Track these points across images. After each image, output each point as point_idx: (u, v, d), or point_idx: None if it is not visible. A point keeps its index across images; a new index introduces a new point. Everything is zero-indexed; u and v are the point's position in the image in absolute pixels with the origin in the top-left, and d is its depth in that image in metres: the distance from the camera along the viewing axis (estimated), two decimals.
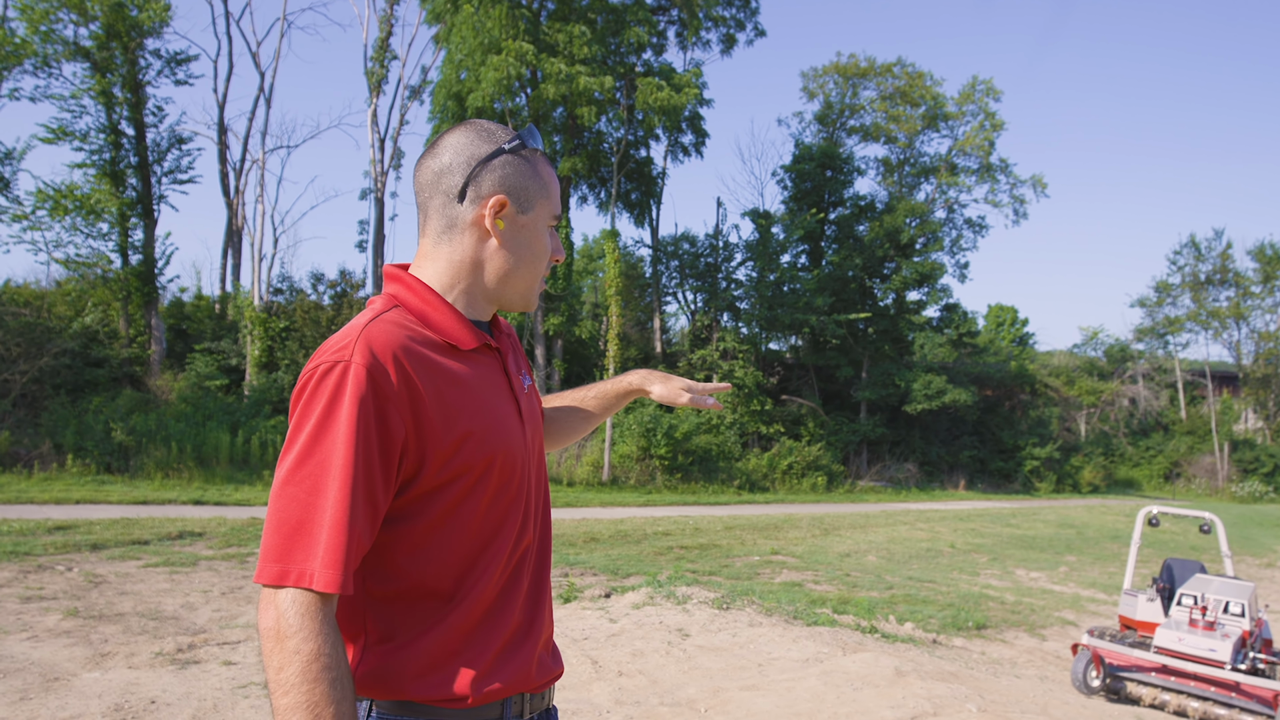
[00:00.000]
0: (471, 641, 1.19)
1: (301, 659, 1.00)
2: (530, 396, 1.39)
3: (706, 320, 30.38)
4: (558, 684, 4.77)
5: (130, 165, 19.51)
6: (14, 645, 4.90)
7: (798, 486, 25.10)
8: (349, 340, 1.10)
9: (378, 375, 1.08)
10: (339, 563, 1.03)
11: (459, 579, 1.19)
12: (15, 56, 18.11)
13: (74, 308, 19.59)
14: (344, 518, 1.04)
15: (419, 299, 1.24)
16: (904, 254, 32.11)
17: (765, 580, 9.95)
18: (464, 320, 1.25)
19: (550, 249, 1.34)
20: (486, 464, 1.19)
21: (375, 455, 1.08)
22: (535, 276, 1.32)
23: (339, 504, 1.04)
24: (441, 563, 1.17)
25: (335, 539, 1.03)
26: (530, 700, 1.29)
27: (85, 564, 7.49)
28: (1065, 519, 22.83)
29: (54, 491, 12.28)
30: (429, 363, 1.15)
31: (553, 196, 1.32)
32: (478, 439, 1.18)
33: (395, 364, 1.10)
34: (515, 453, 1.24)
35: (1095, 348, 47.48)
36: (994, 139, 33.80)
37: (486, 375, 1.26)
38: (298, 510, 1.04)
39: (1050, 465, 34.85)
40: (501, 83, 22.02)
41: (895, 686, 4.92)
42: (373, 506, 1.08)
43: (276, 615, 1.02)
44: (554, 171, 1.34)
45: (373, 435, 1.07)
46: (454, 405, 1.16)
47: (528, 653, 1.26)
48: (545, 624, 1.32)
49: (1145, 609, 7.27)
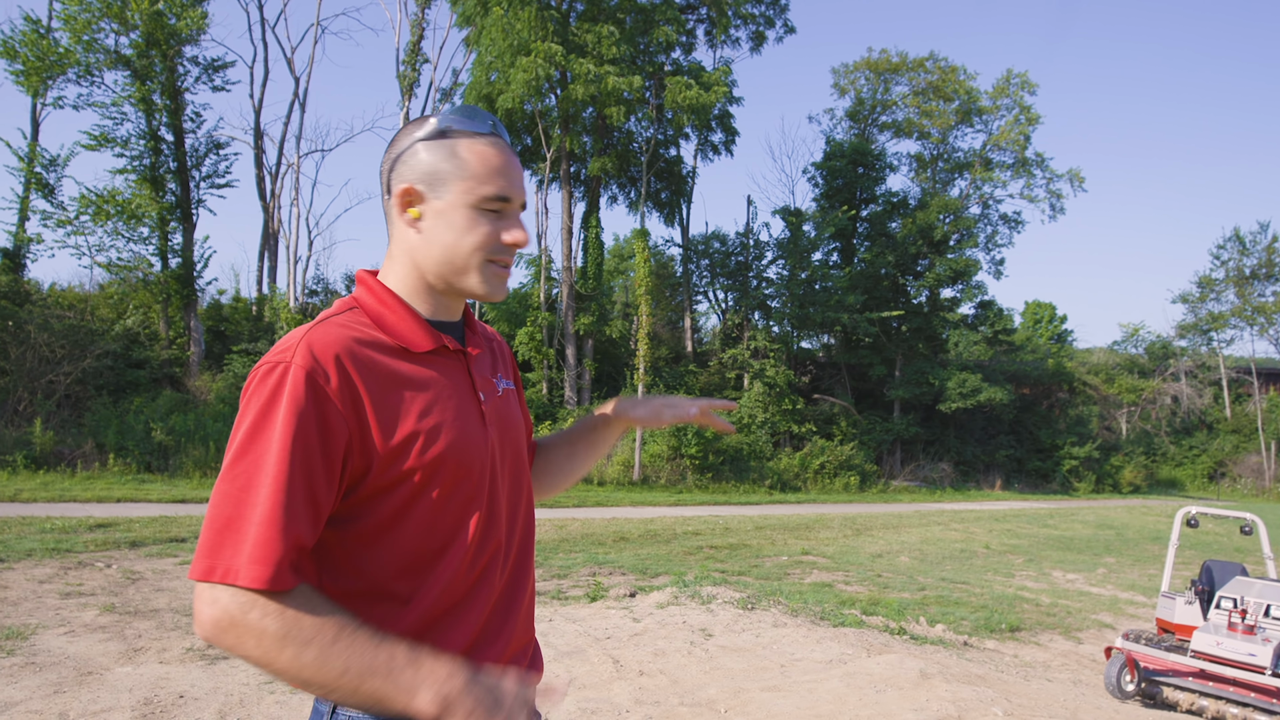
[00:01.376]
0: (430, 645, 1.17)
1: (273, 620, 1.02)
2: (504, 400, 1.37)
3: (737, 319, 30.27)
4: (577, 682, 4.78)
5: (169, 170, 19.92)
6: (51, 640, 5.03)
7: (830, 486, 24.92)
8: (292, 343, 1.12)
9: (317, 376, 1.09)
10: (268, 559, 1.03)
11: (415, 580, 1.19)
12: (59, 66, 18.59)
13: (116, 310, 20.07)
14: (276, 514, 1.04)
15: (377, 301, 1.25)
16: (937, 251, 31.73)
17: (795, 581, 9.89)
18: (420, 323, 1.25)
19: (493, 232, 1.26)
20: (434, 464, 1.18)
21: (316, 454, 1.08)
22: (472, 259, 1.25)
23: (270, 500, 1.04)
24: (395, 563, 1.18)
25: (264, 535, 1.03)
26: None
27: (124, 561, 7.66)
28: (1104, 520, 22.41)
29: (96, 490, 12.58)
30: (373, 364, 1.16)
31: (478, 175, 1.23)
32: (424, 440, 1.17)
33: (336, 365, 1.11)
34: (471, 454, 1.23)
35: (1136, 345, 46.49)
36: (1029, 133, 33.26)
37: (442, 377, 1.25)
38: (229, 507, 1.05)
39: (1089, 465, 34.20)
40: (531, 84, 22.13)
41: (919, 689, 4.86)
42: (312, 505, 1.08)
43: (220, 609, 1.02)
44: (496, 150, 1.26)
45: (311, 434, 1.08)
46: (398, 406, 1.16)
47: (492, 658, 1.24)
48: (518, 629, 1.31)
49: (1183, 612, 7.11)
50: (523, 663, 1.33)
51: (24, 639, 4.99)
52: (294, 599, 1.05)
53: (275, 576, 1.03)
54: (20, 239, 18.58)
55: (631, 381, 23.91)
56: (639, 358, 22.42)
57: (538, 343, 24.08)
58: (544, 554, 10.07)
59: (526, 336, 23.92)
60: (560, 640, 5.74)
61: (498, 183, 1.24)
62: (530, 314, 24.33)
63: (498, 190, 1.24)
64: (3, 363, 16.11)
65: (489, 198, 1.24)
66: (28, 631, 5.14)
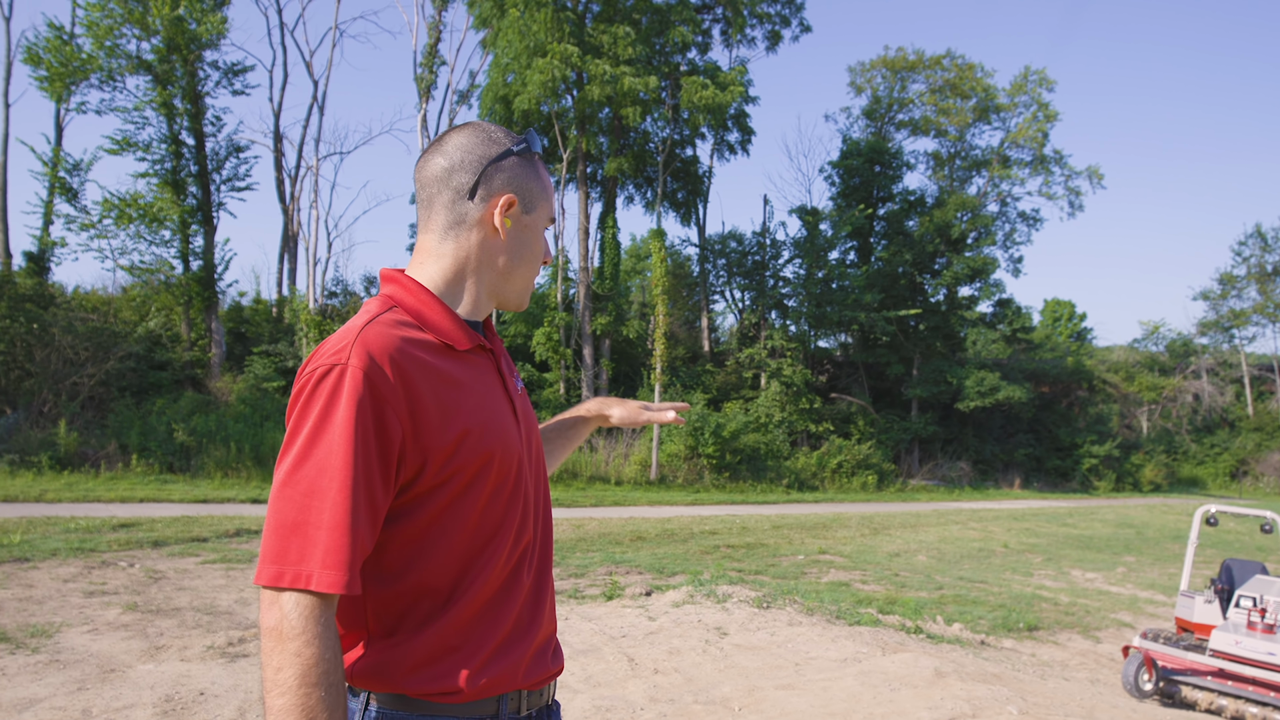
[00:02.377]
0: (469, 638, 1.20)
1: (301, 662, 1.02)
2: (524, 398, 1.41)
3: (754, 318, 30.23)
4: (592, 680, 4.82)
5: (190, 174, 20.16)
6: (75, 638, 5.12)
7: (847, 485, 24.84)
8: (346, 343, 1.12)
9: (375, 377, 1.09)
10: (341, 564, 1.05)
11: (458, 576, 1.21)
12: (82, 71, 18.87)
13: (138, 313, 20.33)
14: (345, 518, 1.05)
15: (415, 299, 1.26)
16: (955, 249, 31.53)
17: (812, 580, 9.88)
18: (459, 320, 1.28)
19: (544, 250, 1.39)
20: (484, 462, 1.20)
21: (374, 457, 1.09)
22: (532, 275, 1.37)
23: (338, 505, 1.05)
24: (441, 559, 1.19)
25: (336, 540, 1.05)
26: (528, 697, 1.30)
27: (146, 560, 7.78)
28: (1124, 518, 22.21)
29: (119, 490, 12.76)
30: (425, 364, 1.17)
31: (551, 199, 1.38)
32: (475, 438, 1.19)
33: (392, 365, 1.12)
34: (512, 451, 1.27)
35: (1156, 342, 45.98)
36: (1047, 130, 32.95)
37: (482, 376, 1.29)
38: (294, 512, 1.06)
39: (1109, 463, 33.87)
40: (547, 85, 22.20)
41: (934, 687, 4.86)
42: (373, 508, 1.10)
43: (280, 616, 1.03)
44: (549, 176, 1.39)
45: (370, 437, 1.09)
46: (451, 405, 1.18)
47: (523, 650, 1.27)
48: (545, 622, 1.33)
49: (1202, 611, 7.06)
50: (548, 654, 1.35)
51: (48, 637, 5.09)
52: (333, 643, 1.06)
53: (350, 581, 1.05)
54: (45, 243, 18.88)
55: (648, 381, 23.94)
56: (656, 357, 22.45)
57: (555, 343, 24.15)
58: (561, 553, 10.12)
59: (544, 336, 24.00)
60: (576, 638, 5.78)
61: (552, 206, 1.39)
62: (547, 314, 24.41)
63: (554, 214, 1.41)
64: (28, 365, 16.36)
65: (552, 219, 1.40)
66: (52, 629, 5.24)
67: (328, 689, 1.03)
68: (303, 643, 1.02)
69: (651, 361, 23.37)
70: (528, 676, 1.28)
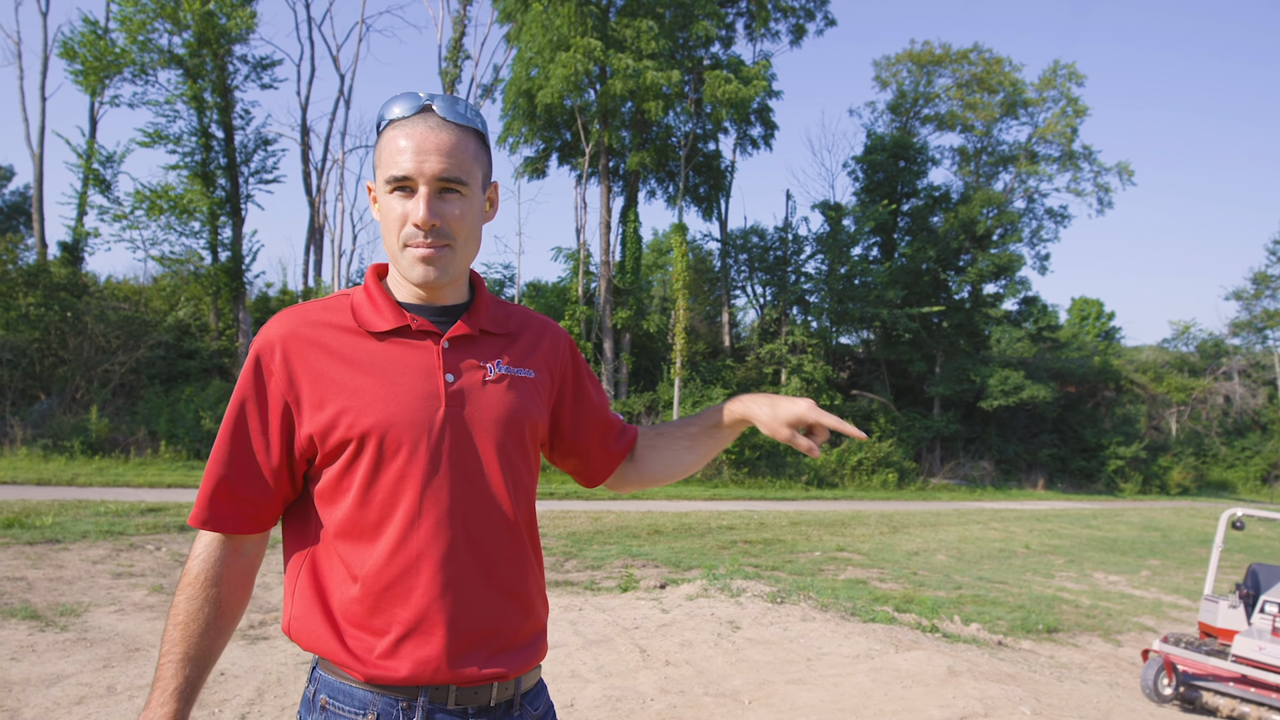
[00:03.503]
0: (374, 618, 1.23)
1: (182, 572, 1.31)
2: (495, 383, 1.34)
3: (775, 314, 30.13)
4: (604, 670, 4.87)
5: (220, 166, 20.42)
6: (102, 617, 5.25)
7: (867, 483, 24.73)
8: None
9: (263, 354, 1.28)
10: (201, 503, 1.27)
11: (354, 553, 1.25)
12: (116, 65, 19.17)
13: (168, 302, 20.67)
14: (214, 468, 1.27)
15: (363, 288, 1.36)
16: (980, 245, 31.22)
17: (829, 577, 9.87)
18: (390, 305, 1.31)
19: (402, 213, 1.26)
20: (362, 437, 1.23)
21: (254, 420, 1.27)
22: (393, 250, 1.29)
23: (212, 457, 1.28)
24: (342, 531, 1.26)
25: (204, 484, 1.28)
26: (457, 693, 1.26)
27: (173, 544, 7.93)
28: (1150, 521, 21.95)
29: (148, 476, 13.00)
30: (316, 343, 1.28)
31: (385, 161, 1.26)
32: (353, 413, 1.23)
33: (280, 344, 1.27)
34: (404, 432, 1.24)
35: (1186, 342, 45.30)
36: (1076, 125, 32.51)
37: (398, 357, 1.28)
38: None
39: (1136, 465, 33.45)
40: (570, 79, 22.23)
41: (946, 686, 4.86)
42: (249, 462, 1.27)
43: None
44: (405, 132, 1.25)
45: (251, 404, 1.27)
46: (332, 381, 1.25)
47: (434, 648, 1.23)
48: (478, 627, 1.27)
49: (1226, 616, 6.97)
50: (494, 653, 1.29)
51: (77, 615, 5.22)
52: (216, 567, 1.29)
53: (208, 519, 1.27)
54: (79, 233, 19.22)
55: (668, 376, 23.96)
56: (676, 352, 22.46)
57: (575, 336, 24.24)
58: (578, 545, 10.19)
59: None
60: (589, 629, 5.83)
61: (396, 165, 1.24)
62: (568, 308, 24.49)
63: (394, 172, 1.24)
64: (62, 352, 16.69)
65: (390, 181, 1.25)
66: (81, 609, 5.37)
67: (189, 599, 1.26)
68: (190, 558, 1.30)
69: (671, 356, 23.39)
70: (454, 669, 1.24)
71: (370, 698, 1.24)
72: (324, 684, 1.28)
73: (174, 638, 1.26)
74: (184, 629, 1.26)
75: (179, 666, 1.25)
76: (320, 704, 1.27)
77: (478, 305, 1.39)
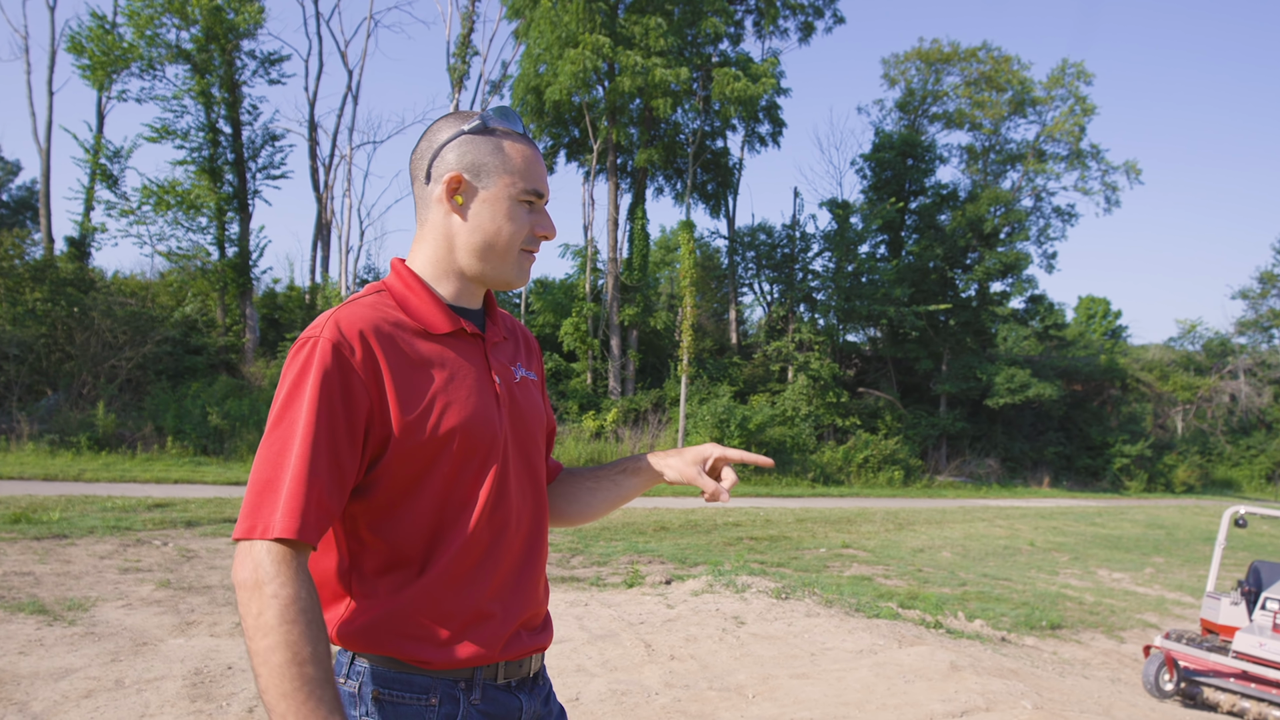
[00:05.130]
0: (442, 608, 1.26)
1: (279, 603, 1.07)
2: (522, 386, 1.44)
3: (783, 311, 30.12)
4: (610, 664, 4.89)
5: (227, 162, 20.50)
6: (110, 612, 5.30)
7: (873, 480, 24.72)
8: (322, 320, 1.23)
9: (343, 349, 1.19)
10: (296, 511, 1.11)
11: (428, 546, 1.27)
12: (123, 60, 19.25)
13: (175, 298, 20.74)
14: (303, 473, 1.13)
15: (402, 285, 1.35)
16: (987, 244, 31.14)
17: (834, 573, 9.89)
18: (441, 306, 1.34)
19: (528, 223, 1.36)
20: (448, 436, 1.26)
21: (340, 420, 1.18)
22: (506, 250, 1.35)
23: (299, 461, 1.13)
24: (410, 528, 1.27)
25: (294, 491, 1.12)
26: (505, 668, 1.35)
27: (180, 539, 7.98)
28: (1155, 519, 21.90)
29: (154, 471, 13.07)
30: (395, 342, 1.26)
31: (520, 171, 1.34)
32: (439, 413, 1.26)
33: (361, 340, 1.21)
34: (481, 432, 1.30)
35: (1193, 341, 45.12)
36: (1085, 124, 32.38)
37: (460, 358, 1.33)
38: (267, 470, 1.15)
39: (1141, 463, 33.36)
40: (578, 76, 22.24)
41: (949, 680, 4.88)
42: (337, 467, 1.17)
43: (254, 565, 1.09)
44: (530, 150, 1.37)
45: (336, 402, 1.18)
46: (417, 382, 1.26)
47: (501, 628, 1.32)
48: (531, 604, 1.39)
49: (1228, 612, 6.98)
50: (532, 631, 1.41)
51: (85, 610, 5.27)
52: (308, 584, 1.11)
53: (304, 528, 1.11)
54: (86, 228, 19.31)
55: (675, 373, 23.98)
56: (683, 349, 22.47)
57: (583, 333, 24.25)
58: (585, 541, 10.22)
59: (571, 327, 24.11)
60: (595, 624, 5.86)
61: (535, 179, 1.36)
62: (576, 304, 24.51)
63: (535, 186, 1.36)
64: (69, 347, 16.78)
65: (527, 191, 1.35)
66: (88, 604, 5.42)
67: (308, 624, 1.08)
68: (278, 585, 1.08)
69: (678, 353, 23.39)
70: (506, 651, 1.33)
71: (430, 682, 1.27)
72: (373, 675, 1.26)
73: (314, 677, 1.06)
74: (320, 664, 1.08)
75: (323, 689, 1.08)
76: (372, 696, 1.25)
77: (493, 310, 1.46)
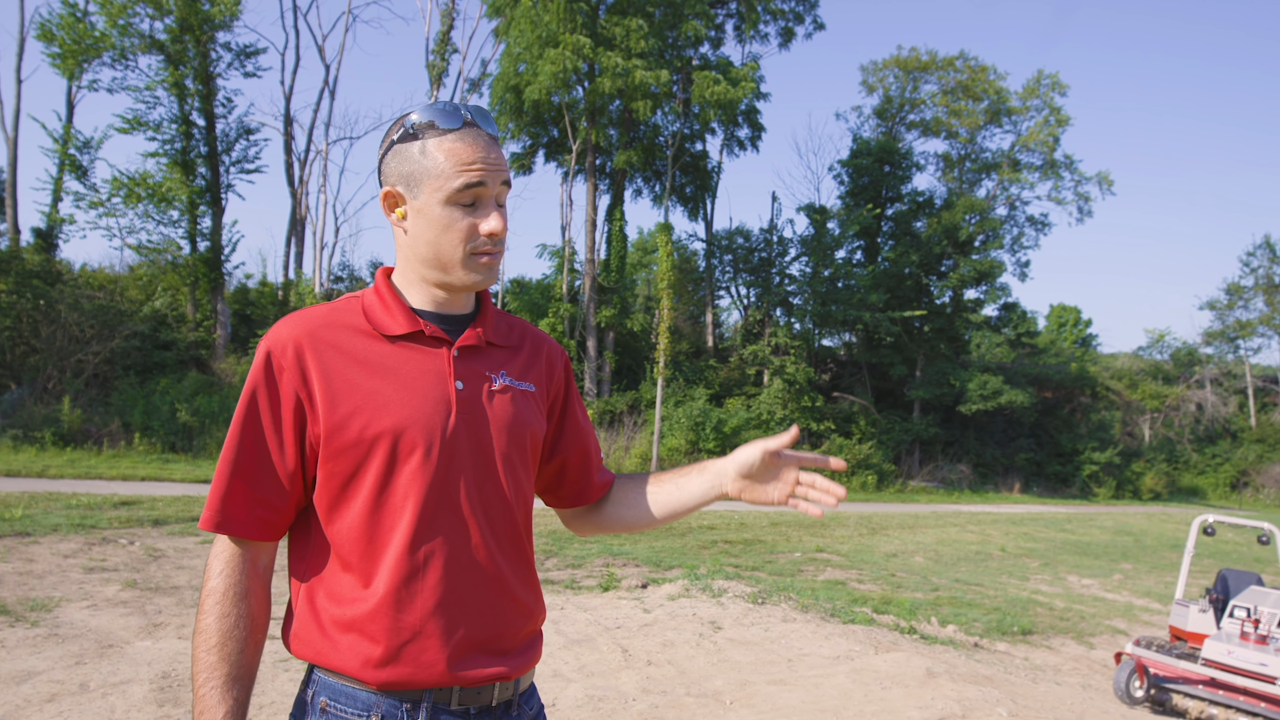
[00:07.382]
0: (375, 625, 1.22)
1: (204, 592, 1.25)
2: (500, 393, 1.36)
3: (759, 315, 30.21)
4: (586, 669, 4.85)
5: (200, 155, 20.18)
6: (75, 613, 5.17)
7: (846, 484, 24.83)
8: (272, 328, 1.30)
9: (276, 353, 1.25)
10: (213, 505, 1.23)
11: (362, 557, 1.24)
12: (95, 49, 18.88)
13: (144, 292, 20.37)
14: (226, 469, 1.24)
15: (374, 291, 1.36)
16: (962, 251, 31.46)
17: (808, 578, 9.92)
18: (403, 310, 1.32)
19: (467, 225, 1.28)
20: (375, 439, 1.23)
21: (267, 418, 1.25)
22: (450, 260, 1.30)
23: (223, 461, 1.25)
24: (346, 537, 1.25)
25: (217, 485, 1.24)
26: (460, 692, 1.27)
27: (147, 538, 7.83)
28: (1123, 526, 22.21)
29: (121, 468, 12.82)
30: (332, 344, 1.27)
31: (445, 171, 1.26)
32: (366, 415, 1.24)
33: (293, 344, 1.26)
34: (417, 436, 1.25)
35: (1161, 351, 45.91)
36: (1059, 135, 32.76)
37: (412, 361, 1.30)
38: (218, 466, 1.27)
39: (1110, 470, 33.84)
40: (558, 76, 22.18)
41: (925, 687, 4.89)
42: (263, 462, 1.25)
43: (210, 556, 1.26)
44: (465, 144, 1.27)
45: (263, 401, 1.25)
46: (348, 382, 1.25)
47: (435, 651, 1.24)
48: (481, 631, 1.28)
49: (1196, 620, 7.07)
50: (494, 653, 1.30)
51: (48, 611, 5.13)
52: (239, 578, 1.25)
53: (221, 523, 1.23)
54: (53, 219, 18.91)
55: (651, 375, 23.97)
56: (659, 351, 22.46)
57: (559, 334, 24.18)
58: (559, 544, 10.16)
59: (548, 327, 24.03)
60: (571, 628, 5.82)
61: (465, 175, 1.26)
62: (552, 305, 24.43)
63: (465, 181, 1.26)
64: (34, 341, 16.43)
65: (458, 190, 1.26)
66: (52, 604, 5.28)
67: (222, 615, 1.22)
68: (209, 574, 1.25)
69: (655, 355, 23.38)
70: (455, 675, 1.25)
71: (374, 699, 1.24)
72: (324, 686, 1.26)
73: (211, 661, 1.21)
74: (220, 650, 1.21)
75: (224, 690, 1.21)
76: (320, 706, 1.26)
77: (484, 316, 1.41)
